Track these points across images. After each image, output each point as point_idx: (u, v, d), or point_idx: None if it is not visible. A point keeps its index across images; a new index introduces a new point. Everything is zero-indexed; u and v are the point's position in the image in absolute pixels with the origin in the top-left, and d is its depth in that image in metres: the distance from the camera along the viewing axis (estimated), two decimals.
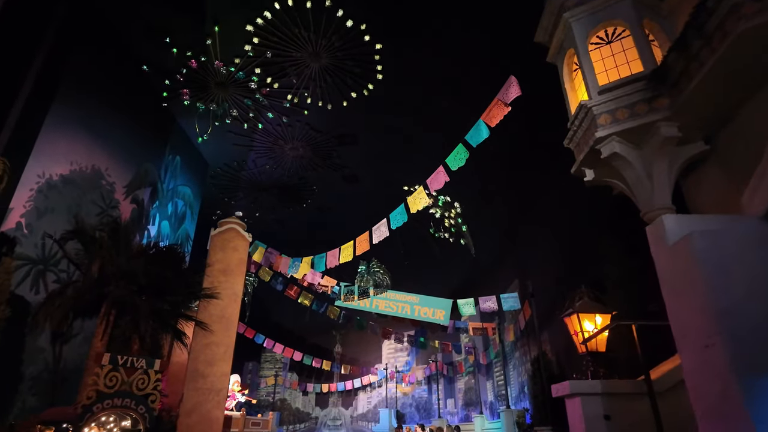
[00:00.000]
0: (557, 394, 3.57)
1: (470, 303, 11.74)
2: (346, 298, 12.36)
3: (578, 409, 3.40)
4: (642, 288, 5.22)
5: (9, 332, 8.71)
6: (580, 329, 3.97)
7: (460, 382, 19.99)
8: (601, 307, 4.12)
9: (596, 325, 3.96)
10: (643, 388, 3.46)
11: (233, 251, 12.27)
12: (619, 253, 6.04)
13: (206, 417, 10.43)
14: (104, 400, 7.18)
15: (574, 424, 3.40)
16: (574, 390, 3.47)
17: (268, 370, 25.76)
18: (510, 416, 11.81)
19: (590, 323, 4.01)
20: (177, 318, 11.06)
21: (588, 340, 3.88)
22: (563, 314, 4.28)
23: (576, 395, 3.45)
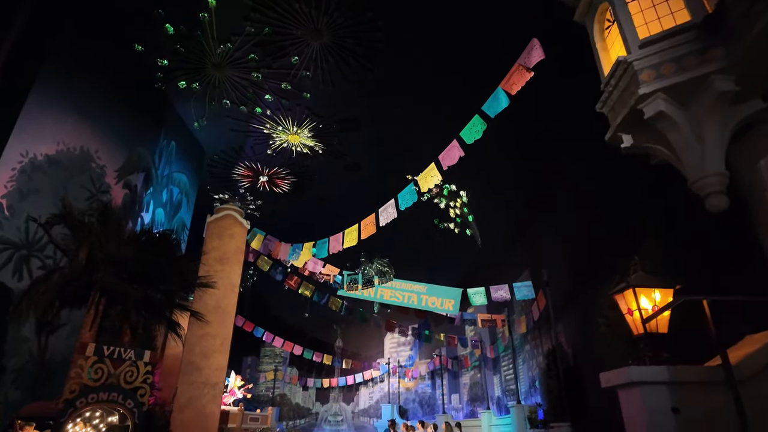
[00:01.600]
0: (608, 384, 3.01)
1: (481, 292, 11.16)
2: (350, 287, 11.76)
3: (638, 401, 2.84)
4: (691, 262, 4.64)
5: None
6: (636, 306, 3.39)
7: (465, 377, 19.44)
8: (660, 280, 3.55)
9: (655, 302, 3.39)
10: (719, 375, 2.90)
11: (230, 239, 11.69)
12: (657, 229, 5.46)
13: (201, 412, 9.88)
14: (89, 395, 6.62)
15: (632, 419, 2.85)
16: (635, 378, 2.89)
17: (267, 365, 25.25)
18: (521, 412, 11.27)
19: (647, 300, 3.44)
20: (171, 308, 10.51)
21: (651, 319, 3.31)
22: (613, 290, 3.70)
23: (635, 385, 2.89)
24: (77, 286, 9.08)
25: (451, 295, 11.43)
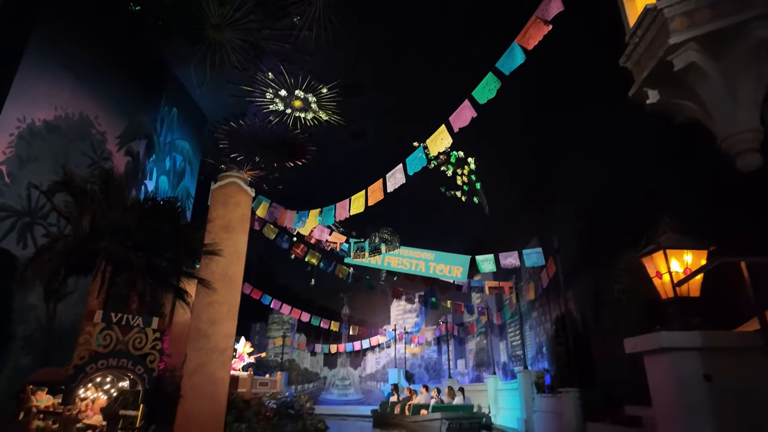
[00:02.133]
0: (634, 350, 2.86)
1: (490, 259, 11.01)
2: (356, 255, 11.66)
3: (667, 368, 2.69)
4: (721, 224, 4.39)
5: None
6: (667, 269, 3.20)
7: (471, 343, 19.64)
8: (691, 241, 3.34)
9: (686, 264, 3.20)
10: (755, 341, 2.73)
11: (235, 206, 11.51)
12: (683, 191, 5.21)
13: (211, 378, 9.96)
14: (99, 360, 6.62)
15: (660, 387, 2.70)
16: (665, 344, 2.71)
17: (275, 332, 25.63)
18: (528, 377, 11.33)
19: (678, 262, 3.24)
20: (177, 276, 10.48)
21: (684, 282, 3.12)
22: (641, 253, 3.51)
23: (665, 351, 2.72)
24: (82, 254, 9.01)
25: (460, 262, 11.29)
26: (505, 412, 13.39)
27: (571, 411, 8.25)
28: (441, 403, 13.66)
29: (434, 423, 12.46)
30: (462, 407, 13.39)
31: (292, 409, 11.72)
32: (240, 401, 10.92)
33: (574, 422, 8.09)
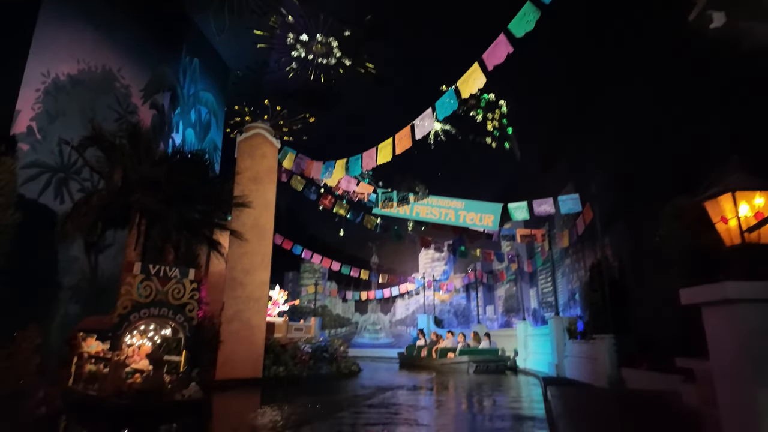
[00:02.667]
0: (691, 301, 2.64)
1: (522, 207, 10.66)
2: (384, 205, 11.52)
3: (732, 321, 2.48)
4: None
5: (39, 242, 8.45)
6: (734, 214, 2.89)
7: (501, 289, 19.69)
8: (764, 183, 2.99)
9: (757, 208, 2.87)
10: None
11: (261, 158, 11.44)
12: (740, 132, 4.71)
13: (248, 324, 10.35)
14: (141, 310, 6.89)
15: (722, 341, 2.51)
16: (732, 295, 2.48)
17: (307, 280, 26.37)
18: (559, 323, 11.29)
19: (748, 206, 2.92)
20: (210, 227, 10.68)
21: (756, 228, 2.82)
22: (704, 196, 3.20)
23: (731, 302, 2.50)
24: (116, 208, 9.22)
25: (491, 211, 10.99)
26: (535, 356, 13.54)
27: (605, 356, 8.20)
28: (468, 347, 14.33)
29: (462, 365, 13.18)
30: (488, 351, 14.02)
31: (327, 353, 12.15)
32: (277, 346, 11.38)
33: (608, 368, 8.05)
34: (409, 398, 8.23)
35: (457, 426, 5.79)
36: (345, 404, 7.31)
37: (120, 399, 6.09)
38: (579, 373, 9.90)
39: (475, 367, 12.87)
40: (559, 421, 4.36)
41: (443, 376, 12.39)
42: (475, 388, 9.66)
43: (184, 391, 6.75)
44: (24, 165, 7.99)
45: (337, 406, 7.18)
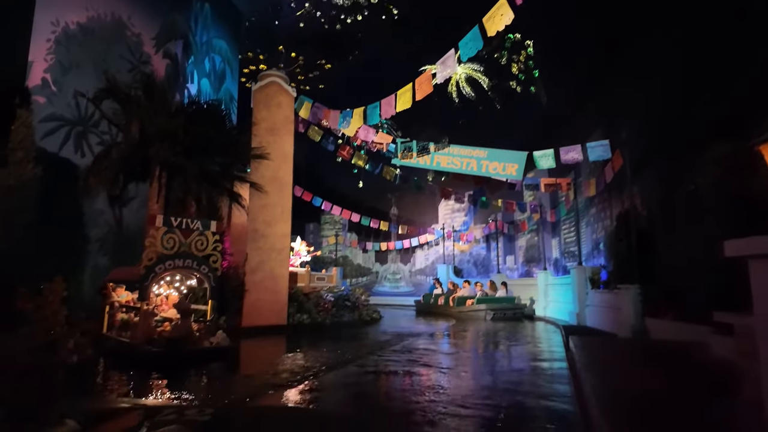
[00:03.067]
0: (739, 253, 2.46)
1: (549, 155, 10.24)
2: (404, 155, 11.23)
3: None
4: None
5: (64, 196, 8.59)
6: None
7: (521, 240, 19.55)
8: None
9: None
10: None
11: (277, 108, 11.18)
12: None
13: (271, 274, 10.54)
14: (165, 261, 7.02)
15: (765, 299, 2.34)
16: None
17: (328, 231, 26.67)
18: (582, 273, 11.16)
19: None
20: (229, 180, 10.68)
21: None
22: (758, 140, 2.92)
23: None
24: (136, 161, 9.25)
25: (515, 159, 10.59)
26: (556, 305, 13.57)
27: (629, 306, 8.10)
28: (485, 295, 14.62)
29: (479, 312, 13.63)
30: (504, 299, 14.52)
31: (348, 301, 12.40)
32: (300, 295, 11.64)
33: (632, 317, 7.97)
34: (432, 344, 8.39)
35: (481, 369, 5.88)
36: (369, 349, 7.49)
37: (151, 346, 6.34)
38: (601, 322, 9.87)
39: (492, 315, 13.28)
40: (585, 371, 4.32)
41: (462, 322, 12.61)
42: (495, 334, 9.78)
43: (212, 339, 6.98)
44: (42, 118, 7.97)
45: (362, 350, 7.37)
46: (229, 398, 4.34)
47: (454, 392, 4.60)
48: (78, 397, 4.29)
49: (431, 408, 3.90)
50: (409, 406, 4.02)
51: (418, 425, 3.38)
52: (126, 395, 4.59)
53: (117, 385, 5.17)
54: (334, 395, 4.88)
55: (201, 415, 1.16)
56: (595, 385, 3.60)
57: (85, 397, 4.32)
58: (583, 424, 3.41)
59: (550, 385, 4.91)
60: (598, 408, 2.95)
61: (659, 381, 3.77)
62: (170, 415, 1.20)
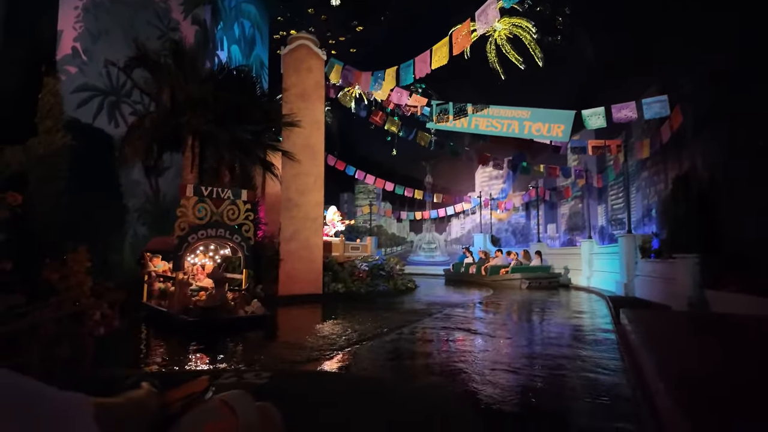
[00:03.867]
0: None
1: (599, 113, 9.38)
2: (439, 118, 10.63)
3: None
4: None
5: (101, 166, 8.66)
6: None
7: (564, 207, 18.67)
8: None
9: None
10: None
11: (308, 72, 10.81)
12: None
13: (305, 243, 10.45)
14: (198, 231, 6.96)
15: None
16: None
17: (362, 200, 26.54)
18: (631, 241, 10.44)
19: None
20: (262, 148, 10.52)
21: None
22: None
23: None
24: (168, 129, 9.20)
25: (561, 120, 9.78)
26: (601, 275, 12.92)
27: (687, 276, 7.47)
28: (520, 264, 14.61)
29: (514, 281, 13.62)
30: (539, 268, 14.50)
31: (383, 271, 12.23)
32: (335, 264, 11.56)
33: (690, 288, 7.35)
34: (472, 313, 8.10)
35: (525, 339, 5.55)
36: (407, 317, 7.28)
37: (186, 316, 6.36)
38: (651, 293, 9.26)
39: (528, 284, 13.26)
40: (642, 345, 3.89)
41: (498, 292, 12.29)
42: (536, 304, 9.38)
43: (247, 308, 6.95)
44: (75, 89, 7.96)
45: (399, 319, 7.17)
46: (276, 364, 4.32)
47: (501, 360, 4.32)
48: (121, 364, 4.35)
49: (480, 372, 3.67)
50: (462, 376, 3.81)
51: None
52: (174, 362, 4.62)
53: (156, 353, 5.21)
54: (380, 360, 4.82)
55: (259, 378, 1.26)
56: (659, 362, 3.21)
57: (128, 365, 4.36)
58: (643, 401, 3.06)
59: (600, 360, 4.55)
60: (664, 387, 2.58)
61: (728, 358, 3.33)
62: (231, 378, 1.23)
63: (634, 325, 5.05)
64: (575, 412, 3.30)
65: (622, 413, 3.16)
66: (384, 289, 11.66)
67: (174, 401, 0.91)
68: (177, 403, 0.90)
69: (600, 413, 3.20)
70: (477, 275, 15.37)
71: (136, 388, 0.89)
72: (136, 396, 0.85)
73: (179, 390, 0.94)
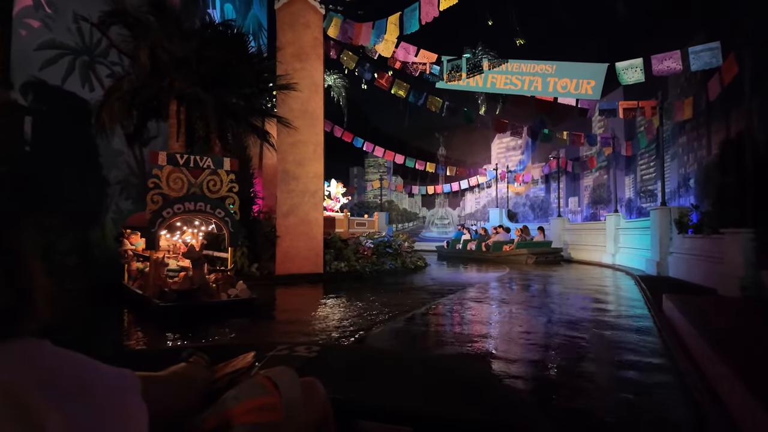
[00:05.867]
0: None
1: (636, 66, 8.07)
2: (451, 76, 9.46)
3: None
4: None
5: (74, 134, 7.85)
6: None
7: (588, 179, 17.44)
8: None
9: None
10: None
11: (305, 29, 9.75)
12: None
13: (305, 219, 9.61)
14: (174, 205, 6.13)
15: None
16: None
17: (372, 174, 25.65)
18: (665, 214, 9.33)
19: None
20: (254, 114, 9.62)
21: None
22: None
23: None
24: (149, 93, 8.33)
25: (591, 74, 8.50)
26: (628, 252, 11.85)
27: (738, 255, 6.42)
28: (524, 240, 14.73)
29: (521, 257, 13.73)
30: (543, 243, 14.62)
31: (390, 248, 11.38)
32: (338, 241, 10.73)
33: (742, 269, 6.32)
34: (493, 294, 7.21)
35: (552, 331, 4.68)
36: (410, 304, 6.42)
37: (159, 300, 5.60)
38: (690, 273, 8.23)
39: (535, 258, 13.44)
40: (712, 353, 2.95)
41: (511, 270, 11.45)
42: (555, 285, 8.44)
43: (230, 291, 6.18)
44: (39, 46, 7.07)
45: (403, 306, 6.30)
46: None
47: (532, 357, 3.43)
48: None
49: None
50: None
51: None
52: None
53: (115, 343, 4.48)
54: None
55: (309, 351, 1.23)
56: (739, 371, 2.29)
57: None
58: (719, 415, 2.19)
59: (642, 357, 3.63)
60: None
61: None
62: (283, 351, 1.20)
63: (687, 317, 4.08)
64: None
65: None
66: (391, 267, 10.84)
67: (222, 376, 0.91)
68: (225, 377, 0.91)
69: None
70: (477, 251, 15.48)
71: (187, 361, 0.89)
72: (184, 370, 0.85)
73: (227, 365, 0.94)
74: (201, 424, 0.76)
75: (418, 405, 1.06)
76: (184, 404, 0.79)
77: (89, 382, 0.55)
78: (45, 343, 0.53)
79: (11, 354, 0.50)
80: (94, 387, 0.55)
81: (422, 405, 1.07)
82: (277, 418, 0.78)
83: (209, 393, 0.85)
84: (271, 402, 0.78)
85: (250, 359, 0.97)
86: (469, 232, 17.28)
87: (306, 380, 0.89)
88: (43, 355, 0.53)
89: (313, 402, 0.87)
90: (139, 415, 0.59)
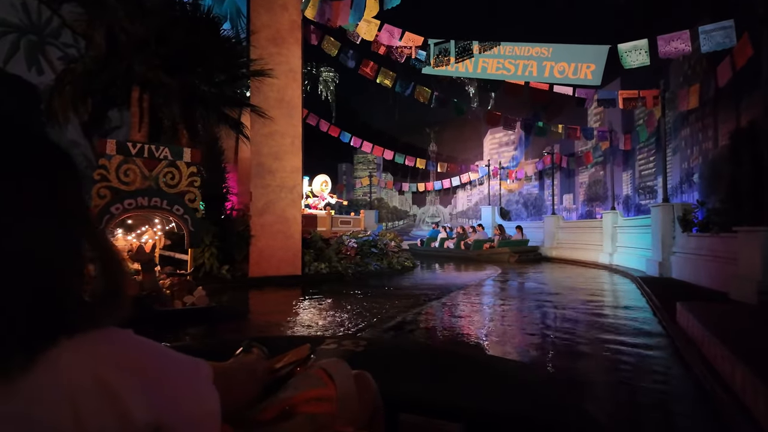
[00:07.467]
0: None
1: (641, 47, 7.39)
2: (438, 61, 8.74)
3: None
4: None
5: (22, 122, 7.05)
6: None
7: (583, 175, 16.86)
8: None
9: None
10: None
11: (282, 11, 9.04)
12: None
13: (281, 216, 8.90)
14: (124, 200, 5.40)
15: None
16: None
17: (361, 171, 24.95)
18: (668, 211, 8.74)
19: None
20: (226, 102, 8.88)
21: None
22: None
23: None
24: (106, 78, 7.55)
25: (590, 58, 7.80)
26: (627, 252, 11.27)
27: (754, 256, 5.82)
28: (502, 239, 14.87)
29: (503, 255, 13.82)
30: (521, 242, 15.00)
31: (375, 247, 10.68)
32: (318, 240, 10.01)
33: (758, 272, 5.71)
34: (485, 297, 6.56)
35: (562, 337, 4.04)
36: (389, 311, 5.72)
37: None
38: (697, 275, 7.63)
39: (517, 257, 13.70)
40: None
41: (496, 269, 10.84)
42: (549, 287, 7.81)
43: (187, 298, 5.45)
44: None
45: (388, 309, 5.61)
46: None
47: None
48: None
49: None
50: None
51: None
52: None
53: None
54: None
55: (357, 346, 1.24)
56: None
57: None
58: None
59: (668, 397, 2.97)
60: None
61: None
62: (331, 345, 1.20)
63: (711, 329, 3.38)
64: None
65: None
66: (376, 268, 10.15)
67: (281, 367, 0.94)
68: (283, 368, 0.93)
69: None
70: (456, 250, 15.56)
71: (248, 352, 0.91)
72: (247, 361, 0.88)
73: (285, 356, 0.96)
74: (261, 413, 0.79)
75: (471, 402, 1.04)
76: (246, 394, 0.80)
77: (170, 370, 0.56)
78: (129, 332, 0.54)
79: (104, 342, 0.51)
80: (174, 375, 0.56)
81: (475, 402, 1.04)
82: (332, 409, 0.81)
83: (268, 383, 0.87)
84: (327, 393, 0.82)
85: (306, 351, 0.99)
86: (445, 231, 17.35)
87: (358, 373, 0.91)
88: (129, 343, 0.53)
89: (366, 394, 0.89)
90: (214, 404, 0.60)
